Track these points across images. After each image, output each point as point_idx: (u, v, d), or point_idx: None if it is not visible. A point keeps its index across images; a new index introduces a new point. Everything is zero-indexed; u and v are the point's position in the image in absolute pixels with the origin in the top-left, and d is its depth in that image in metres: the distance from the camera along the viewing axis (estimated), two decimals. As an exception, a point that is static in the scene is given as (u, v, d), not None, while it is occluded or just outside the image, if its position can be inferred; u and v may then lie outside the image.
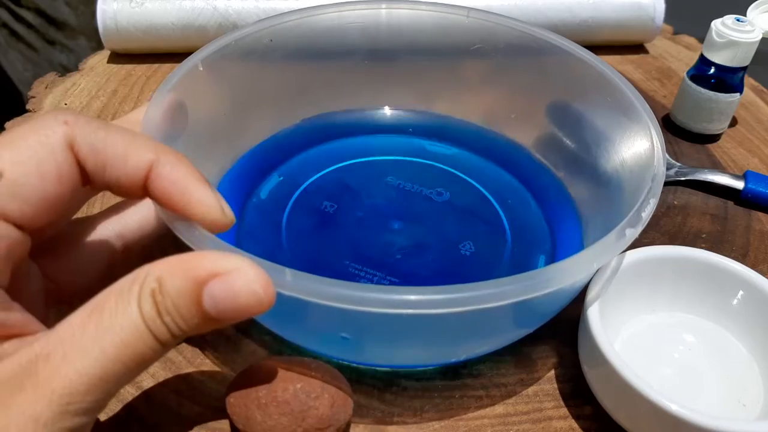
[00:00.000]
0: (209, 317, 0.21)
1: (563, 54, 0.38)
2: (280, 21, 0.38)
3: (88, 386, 0.20)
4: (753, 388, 0.30)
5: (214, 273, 0.20)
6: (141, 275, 0.21)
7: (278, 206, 0.37)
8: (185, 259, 0.21)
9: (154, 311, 0.20)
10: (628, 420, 0.28)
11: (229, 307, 0.20)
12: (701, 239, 0.40)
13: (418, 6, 0.41)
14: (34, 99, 0.48)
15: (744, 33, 0.43)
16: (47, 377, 0.19)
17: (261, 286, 0.20)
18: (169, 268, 0.21)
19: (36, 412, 0.19)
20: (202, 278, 0.20)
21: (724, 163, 0.46)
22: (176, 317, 0.20)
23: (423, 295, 0.23)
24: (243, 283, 0.20)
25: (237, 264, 0.21)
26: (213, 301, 0.20)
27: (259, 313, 0.21)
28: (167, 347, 0.21)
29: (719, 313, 0.32)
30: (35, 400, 0.19)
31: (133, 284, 0.20)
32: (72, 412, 0.19)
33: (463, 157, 0.41)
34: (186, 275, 0.20)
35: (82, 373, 0.19)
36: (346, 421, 0.27)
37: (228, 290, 0.20)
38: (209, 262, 0.20)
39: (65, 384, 0.19)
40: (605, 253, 0.26)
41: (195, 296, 0.20)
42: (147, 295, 0.20)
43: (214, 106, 0.37)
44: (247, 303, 0.21)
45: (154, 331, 0.20)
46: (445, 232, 0.36)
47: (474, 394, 0.30)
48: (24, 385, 0.19)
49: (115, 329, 0.20)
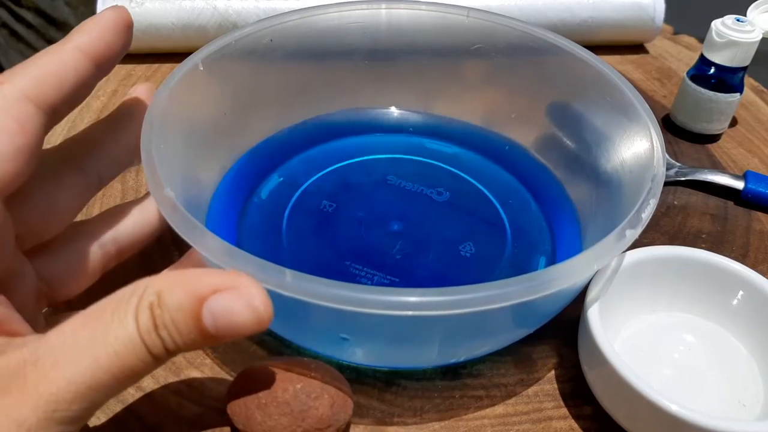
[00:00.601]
0: (207, 334, 0.20)
1: (563, 54, 0.38)
2: (281, 21, 0.38)
3: (75, 394, 0.19)
4: (753, 388, 0.30)
5: (215, 289, 0.20)
6: (140, 288, 0.20)
7: (278, 206, 0.37)
8: (186, 274, 0.21)
9: (151, 324, 0.20)
10: (628, 420, 0.28)
11: (229, 324, 0.20)
12: (701, 239, 0.40)
13: (418, 6, 0.41)
14: (34, 99, 0.48)
15: (744, 33, 0.43)
16: (35, 382, 0.19)
17: (262, 303, 0.20)
18: (169, 282, 0.20)
19: (21, 416, 0.19)
20: (203, 294, 0.20)
21: (724, 163, 0.46)
22: (173, 332, 0.20)
23: (423, 296, 0.23)
24: (244, 300, 0.20)
25: (239, 281, 0.20)
26: (212, 318, 0.20)
27: (256, 332, 0.20)
28: (159, 362, 0.21)
29: (719, 313, 0.32)
30: (21, 404, 0.19)
31: (132, 296, 0.20)
32: (57, 419, 0.19)
33: (464, 156, 0.41)
34: (186, 290, 0.20)
35: (71, 381, 0.19)
36: (346, 421, 0.27)
37: (228, 307, 0.20)
38: (211, 278, 0.20)
39: (53, 390, 0.19)
40: (605, 255, 0.26)
41: (194, 312, 0.20)
42: (145, 308, 0.20)
43: (214, 106, 0.37)
44: (246, 321, 0.20)
45: (149, 344, 0.20)
46: (446, 232, 0.36)
47: (474, 395, 0.30)
48: (10, 388, 0.19)
49: (109, 340, 0.20)
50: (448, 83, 0.43)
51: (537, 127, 0.41)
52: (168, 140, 0.30)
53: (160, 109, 0.31)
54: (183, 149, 0.33)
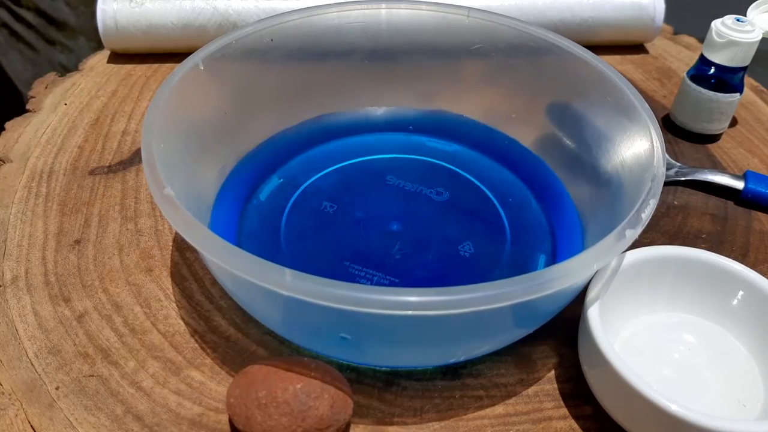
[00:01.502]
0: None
1: (563, 54, 0.38)
2: (281, 21, 0.38)
3: None
4: (753, 388, 0.30)
5: None
6: None
7: (278, 207, 0.37)
8: None
9: None
10: (628, 420, 0.28)
11: None
12: (701, 239, 0.40)
13: (418, 6, 0.41)
14: (34, 99, 0.48)
15: (744, 33, 0.43)
16: None
17: None
18: None
19: None
20: None
21: (724, 163, 0.46)
22: None
23: (423, 296, 0.23)
24: None
25: None
26: None
27: None
28: None
29: (719, 313, 0.32)
30: None
31: None
32: None
33: (464, 154, 0.41)
34: None
35: None
36: (346, 421, 0.27)
37: None
38: None
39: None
40: (605, 255, 0.26)
41: None
42: None
43: (214, 106, 0.37)
44: None
45: None
46: (445, 231, 0.36)
47: (474, 395, 0.30)
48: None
49: None
50: (448, 83, 0.43)
51: (537, 127, 0.41)
52: (168, 140, 0.30)
53: (160, 109, 0.31)
54: (183, 149, 0.33)
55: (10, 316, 0.32)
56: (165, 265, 0.35)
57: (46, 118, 0.46)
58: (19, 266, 0.35)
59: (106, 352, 0.31)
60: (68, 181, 0.40)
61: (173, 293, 0.34)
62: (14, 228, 0.37)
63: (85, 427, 0.28)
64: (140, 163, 0.42)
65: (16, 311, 0.32)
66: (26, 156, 0.42)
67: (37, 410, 0.28)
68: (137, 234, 0.37)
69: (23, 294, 0.33)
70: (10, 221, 0.37)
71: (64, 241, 0.36)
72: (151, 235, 0.37)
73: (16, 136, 0.44)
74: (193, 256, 0.36)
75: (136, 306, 0.33)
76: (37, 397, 0.29)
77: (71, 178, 0.41)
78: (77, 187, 0.40)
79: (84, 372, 0.30)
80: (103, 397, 0.29)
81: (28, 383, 0.29)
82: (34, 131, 0.44)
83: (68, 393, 0.29)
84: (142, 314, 0.33)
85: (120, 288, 0.34)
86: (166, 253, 0.36)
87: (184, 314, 0.33)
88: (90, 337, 0.32)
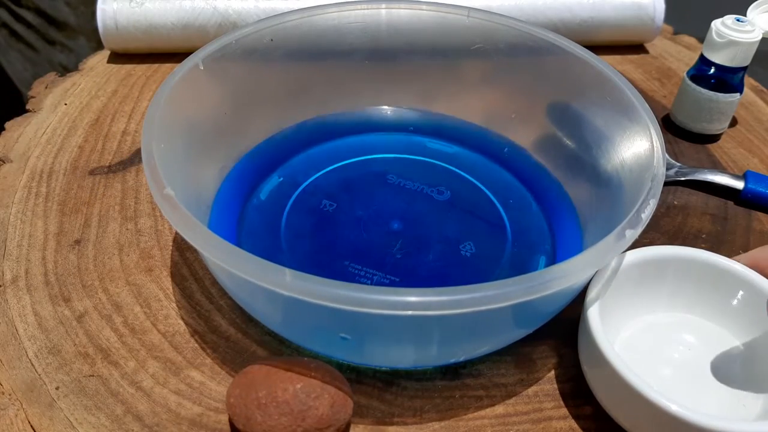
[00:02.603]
0: None
1: (563, 54, 0.38)
2: (281, 21, 0.38)
3: None
4: (753, 388, 0.30)
5: None
6: None
7: (278, 206, 0.37)
8: None
9: None
10: (628, 420, 0.28)
11: None
12: (701, 239, 0.40)
13: (418, 6, 0.41)
14: (34, 99, 0.48)
15: (744, 33, 0.43)
16: None
17: None
18: None
19: None
20: None
21: (724, 163, 0.46)
22: None
23: (423, 296, 0.23)
24: None
25: None
26: None
27: None
28: None
29: (719, 313, 0.32)
30: None
31: None
32: None
33: (464, 155, 0.41)
34: None
35: None
36: (346, 421, 0.27)
37: None
38: None
39: None
40: (605, 255, 0.26)
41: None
42: None
43: (214, 106, 0.37)
44: None
45: None
46: (446, 231, 0.36)
47: (474, 395, 0.30)
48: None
49: None
50: (448, 83, 0.43)
51: (537, 127, 0.41)
52: (168, 140, 0.30)
53: (160, 109, 0.31)
54: (183, 149, 0.33)
55: (10, 316, 0.32)
56: (165, 265, 0.35)
57: (46, 118, 0.46)
58: (19, 266, 0.35)
59: (106, 352, 0.31)
60: (68, 181, 0.40)
61: (173, 293, 0.34)
62: (14, 228, 0.37)
63: (85, 427, 0.28)
64: (140, 163, 0.42)
65: (16, 311, 0.32)
66: (26, 156, 0.42)
67: (37, 410, 0.28)
68: (137, 234, 0.37)
69: (23, 294, 0.33)
70: (10, 221, 0.37)
71: (64, 241, 0.36)
72: (151, 235, 0.37)
73: (16, 136, 0.44)
74: (193, 256, 0.36)
75: (136, 306, 0.33)
76: (37, 397, 0.29)
77: (71, 178, 0.41)
78: (77, 187, 0.40)
79: (84, 372, 0.30)
80: (103, 397, 0.29)
81: (28, 383, 0.29)
82: (34, 131, 0.44)
83: (68, 393, 0.29)
84: (142, 314, 0.33)
85: (120, 288, 0.34)
86: (166, 253, 0.36)
87: (184, 314, 0.33)
88: (90, 337, 0.32)
